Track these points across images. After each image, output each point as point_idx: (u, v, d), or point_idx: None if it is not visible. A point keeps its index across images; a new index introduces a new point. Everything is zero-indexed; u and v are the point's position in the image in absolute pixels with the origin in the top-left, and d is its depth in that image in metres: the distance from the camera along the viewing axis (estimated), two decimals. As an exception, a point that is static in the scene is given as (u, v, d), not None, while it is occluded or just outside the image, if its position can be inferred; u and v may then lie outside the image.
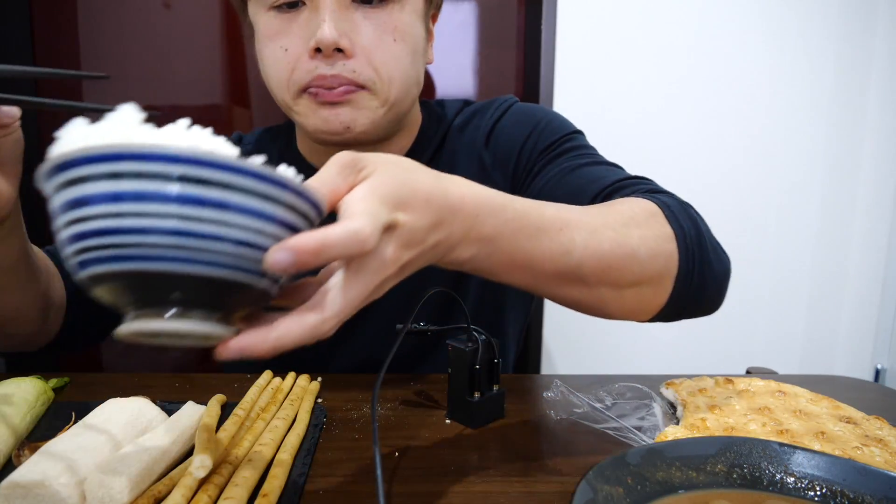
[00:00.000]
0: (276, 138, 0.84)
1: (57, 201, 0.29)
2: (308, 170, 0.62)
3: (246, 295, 0.32)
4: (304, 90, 0.63)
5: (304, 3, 0.62)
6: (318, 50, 0.60)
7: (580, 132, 0.76)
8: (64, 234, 0.30)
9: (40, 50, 1.53)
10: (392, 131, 0.71)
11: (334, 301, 0.33)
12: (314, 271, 0.36)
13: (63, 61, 1.53)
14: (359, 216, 0.32)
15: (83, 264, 0.30)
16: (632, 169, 0.68)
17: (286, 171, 0.31)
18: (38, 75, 0.46)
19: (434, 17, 0.74)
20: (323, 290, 0.33)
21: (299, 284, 0.37)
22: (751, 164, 1.62)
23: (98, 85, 1.54)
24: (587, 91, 1.54)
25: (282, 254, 0.29)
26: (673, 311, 0.54)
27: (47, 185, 0.30)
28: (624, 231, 0.49)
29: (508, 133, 0.75)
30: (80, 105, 0.44)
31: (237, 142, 0.85)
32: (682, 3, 1.53)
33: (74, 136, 0.30)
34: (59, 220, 0.30)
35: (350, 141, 0.66)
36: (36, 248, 0.64)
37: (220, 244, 0.29)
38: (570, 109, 1.54)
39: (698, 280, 0.53)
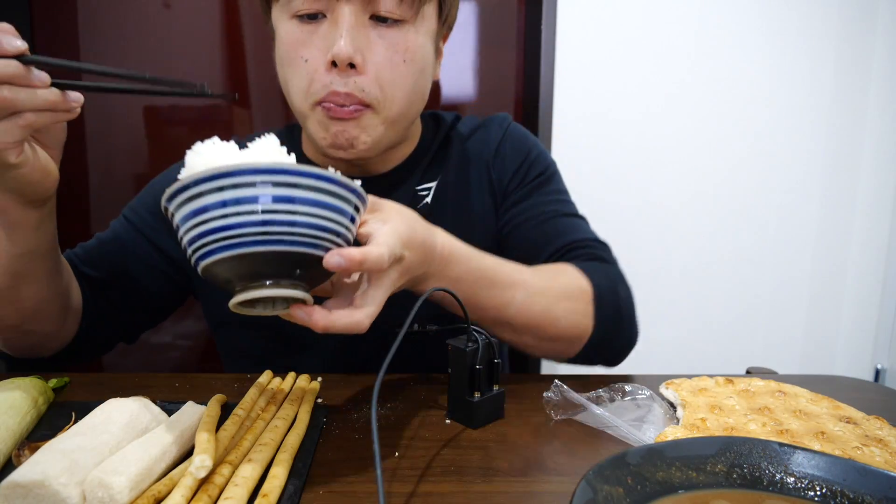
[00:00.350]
0: (283, 143, 0.87)
1: (181, 213, 0.42)
2: None
3: (314, 268, 0.44)
4: (319, 103, 0.67)
5: (324, 16, 0.65)
6: (333, 63, 0.65)
7: (556, 170, 0.86)
8: (188, 237, 0.42)
9: (40, 50, 1.53)
10: (394, 143, 0.76)
11: (370, 305, 0.47)
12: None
13: (63, 61, 1.53)
14: (385, 246, 0.46)
15: (203, 256, 0.42)
16: (632, 168, 0.69)
17: (335, 172, 0.43)
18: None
19: (445, 37, 0.78)
20: (360, 297, 0.48)
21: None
22: (751, 164, 1.62)
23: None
24: (587, 91, 1.54)
25: (336, 258, 0.43)
26: (580, 362, 0.72)
27: (174, 202, 0.42)
28: (555, 301, 0.65)
29: (508, 156, 0.83)
30: (159, 85, 0.53)
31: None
32: (682, 4, 1.53)
33: (196, 160, 0.43)
34: (185, 227, 0.42)
35: (353, 156, 0.70)
36: None
37: (295, 228, 0.41)
38: (570, 109, 1.54)
39: (602, 348, 0.71)
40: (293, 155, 0.46)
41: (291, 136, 0.85)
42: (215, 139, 0.45)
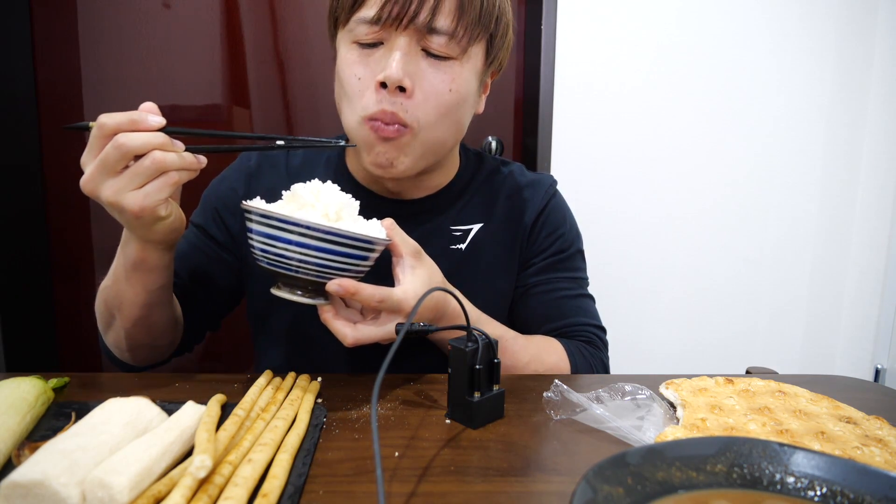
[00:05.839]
0: (322, 152, 0.95)
1: (258, 227, 0.59)
2: (354, 186, 0.85)
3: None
4: (368, 119, 0.73)
5: (381, 44, 0.72)
6: (383, 85, 0.71)
7: (581, 248, 0.92)
8: (258, 247, 0.60)
9: (40, 50, 1.53)
10: (431, 168, 0.81)
11: (361, 333, 0.62)
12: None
13: (63, 61, 1.53)
14: (386, 291, 0.61)
15: (259, 260, 0.61)
16: (632, 168, 0.69)
17: (364, 229, 0.61)
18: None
19: (493, 75, 0.84)
20: (361, 324, 0.63)
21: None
22: (751, 164, 1.62)
23: (98, 87, 1.54)
24: (587, 91, 1.54)
25: (335, 286, 0.59)
26: None
27: (253, 215, 0.59)
28: (532, 368, 0.77)
29: (544, 227, 0.89)
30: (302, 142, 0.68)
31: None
32: (682, 4, 1.53)
33: (289, 203, 0.61)
34: (257, 238, 0.59)
35: (391, 175, 0.76)
36: None
37: (319, 266, 0.59)
38: (571, 109, 1.54)
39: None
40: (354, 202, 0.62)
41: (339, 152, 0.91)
42: (327, 185, 0.61)
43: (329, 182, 0.61)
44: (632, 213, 1.60)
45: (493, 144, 1.62)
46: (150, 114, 0.58)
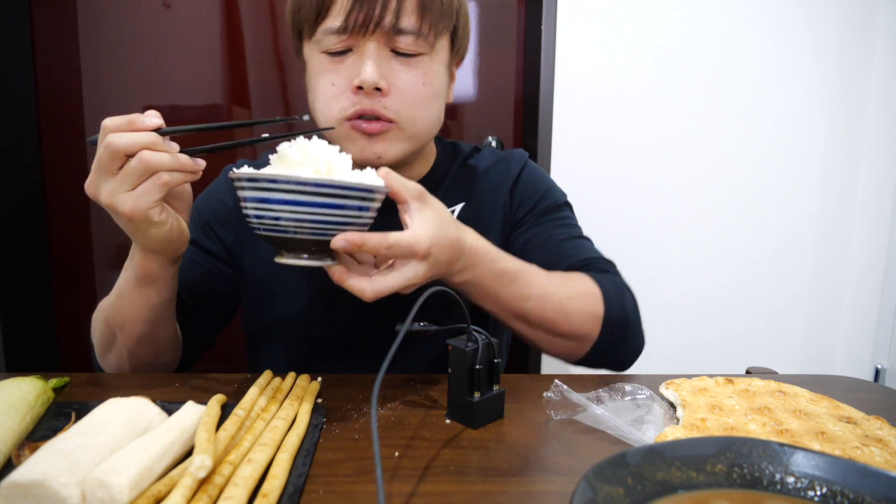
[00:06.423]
0: None
1: (249, 194, 0.54)
2: None
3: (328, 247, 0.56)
4: (349, 119, 0.73)
5: (351, 50, 0.73)
6: (360, 88, 0.72)
7: (569, 204, 0.92)
8: (252, 215, 0.55)
9: (40, 50, 1.53)
10: (410, 159, 0.82)
11: (380, 282, 0.56)
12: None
13: (63, 61, 1.53)
14: (395, 236, 0.56)
15: (257, 229, 0.56)
16: (632, 168, 0.69)
17: (359, 179, 0.56)
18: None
19: (458, 64, 0.85)
20: (377, 274, 0.58)
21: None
22: (751, 164, 1.61)
23: (98, 87, 1.54)
24: (587, 91, 1.54)
25: (340, 241, 0.54)
26: (588, 363, 0.76)
27: (242, 182, 0.54)
28: (566, 301, 0.71)
29: (523, 192, 0.90)
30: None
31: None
32: (682, 3, 1.53)
33: (277, 166, 0.57)
34: (250, 206, 0.55)
35: (379, 166, 0.74)
36: None
37: (318, 224, 0.54)
38: (570, 109, 1.54)
39: (610, 350, 0.74)
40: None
41: None
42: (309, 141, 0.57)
43: (315, 137, 0.58)
44: (632, 212, 1.60)
45: (493, 144, 1.62)
46: (148, 115, 0.57)
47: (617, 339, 0.74)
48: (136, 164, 0.55)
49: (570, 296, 0.71)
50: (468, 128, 1.63)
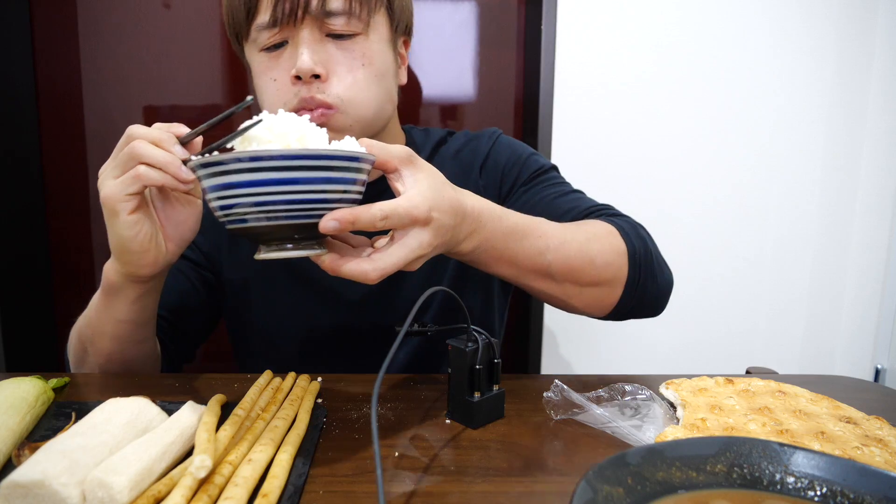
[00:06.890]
0: None
1: (209, 182, 0.47)
2: None
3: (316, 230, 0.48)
4: (294, 112, 0.72)
5: (287, 43, 0.73)
6: (298, 77, 0.71)
7: (556, 167, 0.88)
8: (216, 205, 0.47)
9: (40, 50, 1.53)
10: None
11: (382, 259, 0.50)
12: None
13: (63, 61, 1.53)
14: (391, 204, 0.49)
15: (227, 223, 0.48)
16: (631, 168, 0.70)
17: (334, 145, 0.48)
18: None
19: (406, 44, 0.84)
20: (376, 252, 0.51)
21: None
22: (751, 164, 1.61)
23: (98, 87, 1.54)
24: (587, 91, 1.54)
25: (331, 222, 0.46)
26: (623, 310, 0.72)
27: (198, 169, 0.47)
28: (586, 244, 0.66)
29: (498, 163, 0.87)
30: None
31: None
32: (682, 3, 1.53)
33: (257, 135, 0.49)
34: (213, 196, 0.47)
35: None
36: None
37: (297, 205, 0.45)
38: (570, 109, 1.54)
39: (643, 287, 0.70)
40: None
41: None
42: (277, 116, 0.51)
43: (282, 110, 0.52)
44: (632, 212, 1.59)
45: (493, 144, 1.62)
46: (174, 125, 0.58)
47: (646, 276, 0.70)
48: (127, 151, 0.56)
49: (587, 238, 0.66)
50: (468, 128, 1.63)
